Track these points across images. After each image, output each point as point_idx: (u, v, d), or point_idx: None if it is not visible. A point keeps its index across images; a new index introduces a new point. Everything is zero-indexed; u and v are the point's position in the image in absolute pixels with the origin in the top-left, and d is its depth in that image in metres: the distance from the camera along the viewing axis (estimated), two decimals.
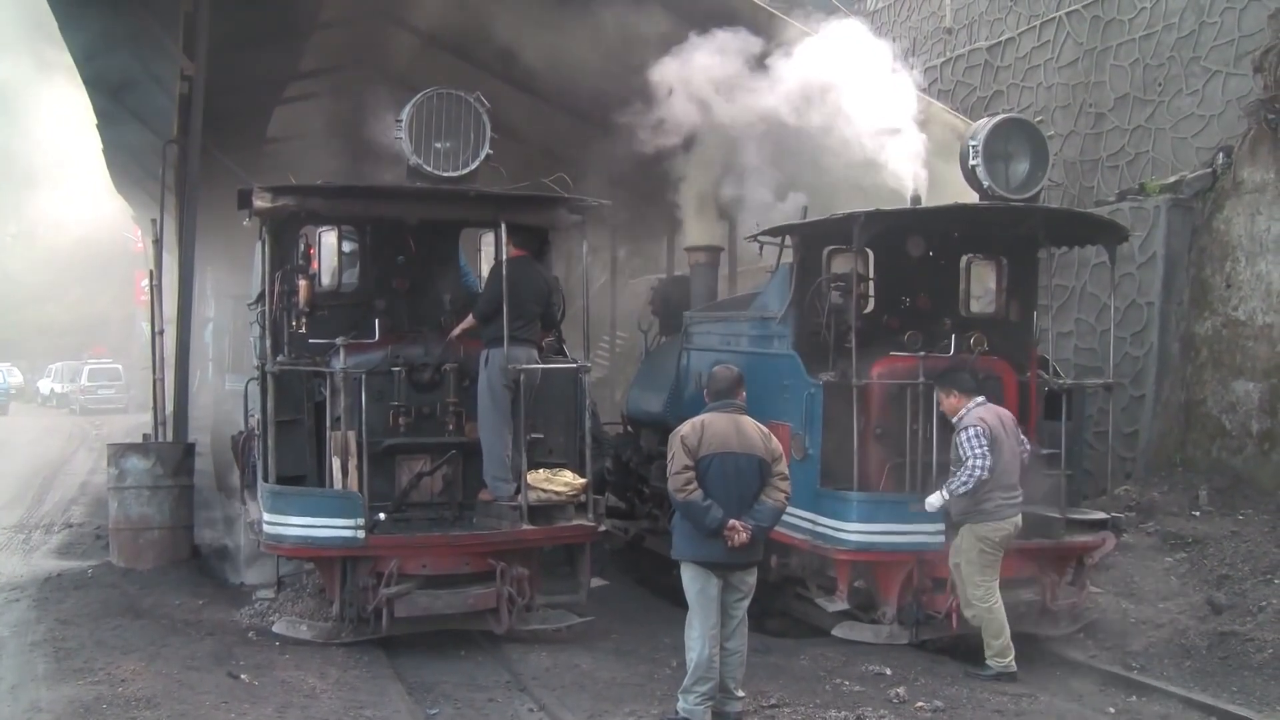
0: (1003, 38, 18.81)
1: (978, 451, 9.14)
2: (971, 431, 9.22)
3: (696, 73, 12.25)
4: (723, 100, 12.34)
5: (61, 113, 45.82)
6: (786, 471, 7.88)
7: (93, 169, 33.51)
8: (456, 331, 10.44)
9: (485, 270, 11.27)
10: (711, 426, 7.73)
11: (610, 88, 14.07)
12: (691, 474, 7.59)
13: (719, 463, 7.63)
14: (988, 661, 9.34)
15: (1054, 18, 17.60)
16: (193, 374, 14.86)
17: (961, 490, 9.18)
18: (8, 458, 26.04)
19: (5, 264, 62.31)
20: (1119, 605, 10.98)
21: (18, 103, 56.40)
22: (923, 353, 10.17)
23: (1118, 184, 15.78)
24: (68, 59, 15.77)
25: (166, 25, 13.20)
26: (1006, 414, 9.51)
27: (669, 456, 7.79)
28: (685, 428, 7.80)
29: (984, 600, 9.27)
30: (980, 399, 9.50)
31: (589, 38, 13.27)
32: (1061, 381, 10.73)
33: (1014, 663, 9.29)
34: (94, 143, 22.57)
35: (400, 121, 9.87)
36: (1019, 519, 9.34)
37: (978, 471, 9.11)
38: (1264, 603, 10.32)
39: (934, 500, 9.42)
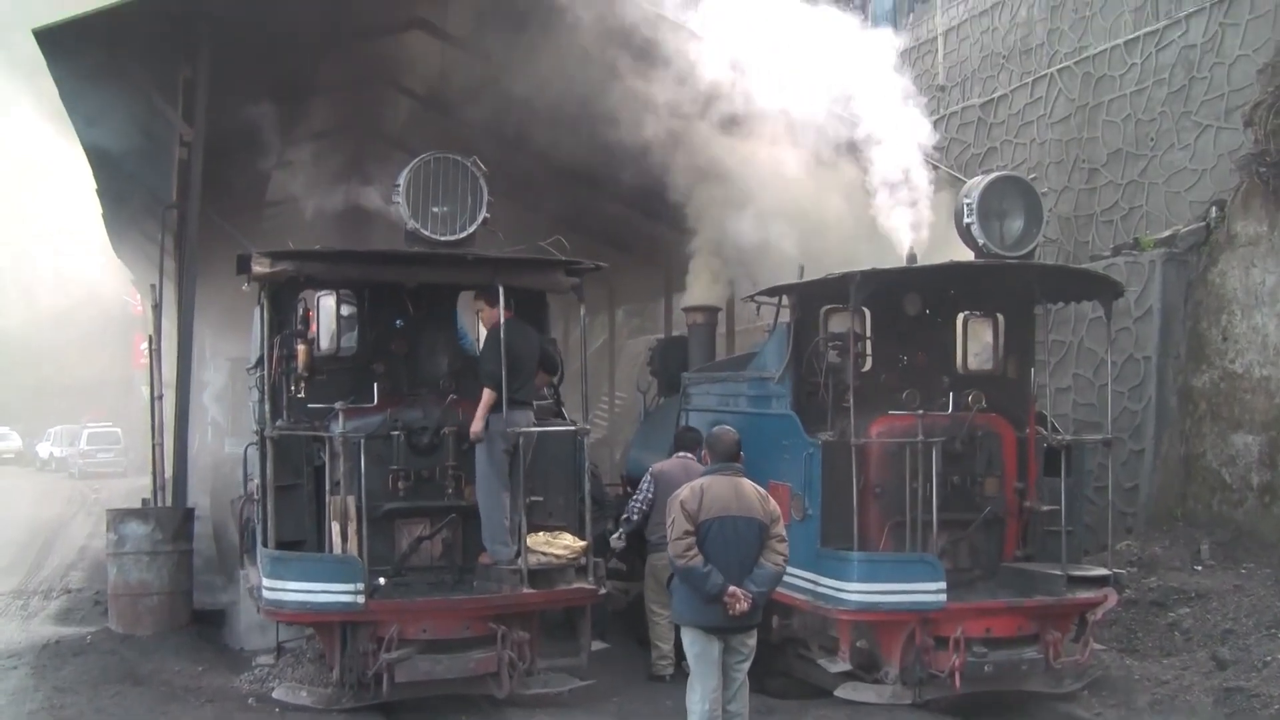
0: (995, 94, 18.97)
1: (638, 496, 11.16)
2: (646, 476, 11.23)
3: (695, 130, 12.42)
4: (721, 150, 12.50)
5: (61, 176, 46.17)
6: (784, 533, 7.86)
7: (92, 232, 33.65)
8: (480, 416, 9.94)
9: (481, 332, 11.22)
10: (711, 490, 7.72)
11: (609, 146, 14.19)
12: (692, 539, 7.57)
13: (719, 527, 7.61)
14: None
15: (1046, 74, 17.78)
16: (192, 438, 14.81)
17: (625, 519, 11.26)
18: (6, 522, 25.93)
19: (3, 326, 62.40)
20: (1123, 662, 10.94)
21: (17, 166, 56.85)
22: (921, 411, 10.19)
23: (1112, 239, 15.85)
24: (68, 124, 15.86)
25: (165, 91, 13.32)
26: (697, 468, 10.02)
27: (668, 522, 7.78)
28: (684, 492, 7.79)
29: (654, 616, 11.13)
30: (682, 454, 11.26)
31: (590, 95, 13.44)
32: (1060, 437, 10.71)
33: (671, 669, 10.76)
34: (93, 206, 22.67)
35: (398, 186, 9.93)
36: None
37: (630, 510, 11.20)
38: (1269, 657, 10.26)
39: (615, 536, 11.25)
